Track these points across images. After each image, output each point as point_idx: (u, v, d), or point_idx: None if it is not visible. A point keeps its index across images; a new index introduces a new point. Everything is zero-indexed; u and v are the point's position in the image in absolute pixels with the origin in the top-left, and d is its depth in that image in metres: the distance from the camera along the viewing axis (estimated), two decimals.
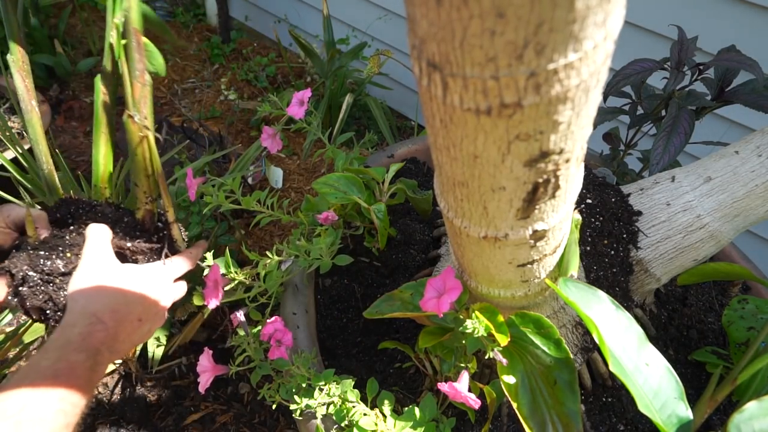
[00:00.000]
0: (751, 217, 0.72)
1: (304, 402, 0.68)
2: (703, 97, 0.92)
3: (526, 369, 0.60)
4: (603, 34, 0.28)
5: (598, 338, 0.50)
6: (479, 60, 0.28)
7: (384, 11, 1.91)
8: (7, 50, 0.73)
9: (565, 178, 0.40)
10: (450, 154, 0.38)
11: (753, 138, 0.73)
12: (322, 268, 0.83)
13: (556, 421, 0.56)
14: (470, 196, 0.43)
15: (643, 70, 0.92)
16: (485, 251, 0.51)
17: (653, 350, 0.54)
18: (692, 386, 0.84)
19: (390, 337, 0.86)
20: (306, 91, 0.86)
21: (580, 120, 0.34)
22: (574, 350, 0.77)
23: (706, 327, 0.92)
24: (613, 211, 0.82)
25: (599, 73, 0.31)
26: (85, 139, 1.97)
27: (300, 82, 2.20)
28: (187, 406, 1.25)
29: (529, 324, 0.60)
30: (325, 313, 0.90)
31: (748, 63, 0.85)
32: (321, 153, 0.99)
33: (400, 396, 0.78)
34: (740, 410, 0.51)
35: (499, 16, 0.25)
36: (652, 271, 0.79)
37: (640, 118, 1.01)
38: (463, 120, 0.33)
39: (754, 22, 1.20)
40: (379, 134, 1.97)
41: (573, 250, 0.58)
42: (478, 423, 0.75)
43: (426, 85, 0.32)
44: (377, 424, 0.66)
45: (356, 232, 0.91)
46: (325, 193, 0.86)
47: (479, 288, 0.61)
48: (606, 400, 0.81)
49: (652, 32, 1.35)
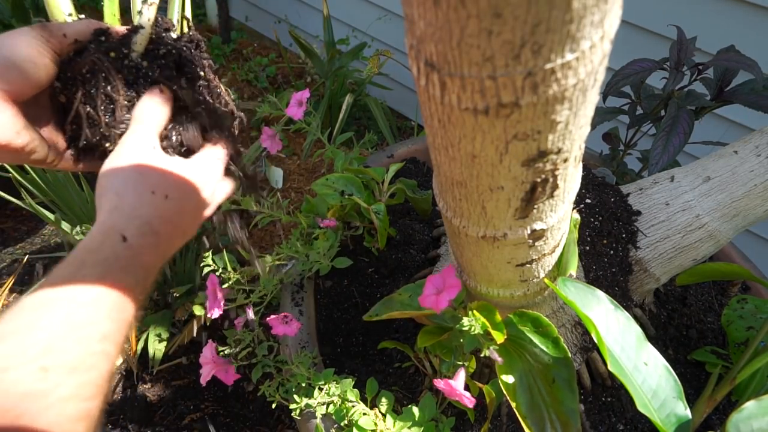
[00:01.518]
0: (750, 217, 0.72)
1: (304, 401, 0.68)
2: (702, 97, 0.92)
3: (524, 368, 0.60)
4: (600, 34, 0.28)
5: (597, 338, 0.51)
6: (477, 60, 0.28)
7: (384, 11, 1.91)
8: None
9: (563, 177, 0.40)
10: (448, 154, 0.38)
11: (752, 138, 0.73)
12: (322, 270, 0.83)
13: (554, 420, 0.56)
14: (469, 196, 0.43)
15: (643, 70, 0.92)
16: (484, 251, 0.51)
17: (652, 350, 0.54)
18: (691, 386, 0.84)
19: (389, 336, 0.86)
20: (304, 92, 0.86)
21: (577, 120, 0.34)
22: (573, 350, 0.77)
23: (705, 327, 0.92)
24: (612, 211, 0.82)
25: (597, 72, 0.31)
26: None
27: (300, 83, 2.20)
28: (187, 406, 1.26)
29: (527, 323, 0.60)
30: (325, 313, 0.90)
31: (747, 63, 0.85)
32: (321, 153, 0.99)
33: (399, 395, 0.78)
34: (739, 409, 0.51)
35: (496, 16, 0.25)
36: (651, 271, 0.79)
37: (639, 118, 1.01)
38: (461, 120, 0.33)
39: (754, 22, 1.20)
40: (379, 134, 1.97)
41: (572, 249, 0.58)
42: (477, 422, 0.75)
43: (424, 85, 0.32)
44: (376, 424, 0.66)
45: (356, 233, 0.91)
46: (324, 194, 0.86)
47: (478, 287, 0.61)
48: (605, 400, 0.81)
49: (651, 32, 1.35)
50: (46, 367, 0.29)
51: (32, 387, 0.28)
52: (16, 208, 1.61)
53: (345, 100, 1.78)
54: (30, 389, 0.28)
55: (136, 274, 0.38)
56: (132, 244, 0.38)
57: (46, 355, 0.30)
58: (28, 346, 0.30)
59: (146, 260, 0.39)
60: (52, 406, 0.28)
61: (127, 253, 0.38)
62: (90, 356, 0.32)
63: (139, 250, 0.39)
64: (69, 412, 0.29)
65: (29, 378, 0.29)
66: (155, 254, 0.41)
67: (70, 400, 0.30)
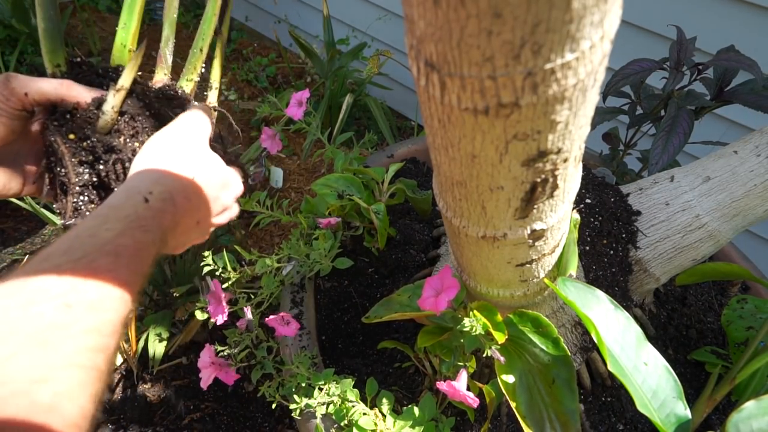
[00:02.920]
0: (750, 217, 0.72)
1: (304, 401, 0.68)
2: (702, 97, 0.92)
3: (524, 368, 0.60)
4: (600, 33, 0.28)
5: (596, 338, 0.51)
6: (476, 60, 0.28)
7: (384, 11, 1.91)
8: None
9: (563, 177, 0.40)
10: (448, 154, 0.38)
11: (752, 138, 0.73)
12: (322, 271, 0.83)
13: (554, 420, 0.56)
14: (469, 196, 0.43)
15: (642, 70, 0.92)
16: (484, 251, 0.51)
17: (652, 350, 0.54)
18: (691, 386, 0.84)
19: (389, 337, 0.86)
20: (304, 92, 0.86)
21: (577, 120, 0.34)
22: (573, 350, 0.77)
23: (705, 326, 0.92)
24: (612, 211, 0.82)
25: (597, 72, 0.31)
26: None
27: (300, 83, 2.21)
28: (187, 406, 1.26)
29: (527, 323, 0.60)
30: (325, 313, 0.90)
31: (747, 63, 0.85)
32: (321, 153, 0.99)
33: (399, 395, 0.78)
34: (739, 409, 0.51)
35: (496, 16, 0.25)
36: (651, 271, 0.79)
37: (639, 118, 1.01)
38: (461, 120, 0.33)
39: (753, 22, 1.20)
40: (379, 134, 1.97)
41: (572, 249, 0.58)
42: (477, 422, 0.75)
43: (424, 85, 0.32)
44: (376, 424, 0.66)
45: (356, 233, 0.91)
46: (324, 195, 0.86)
47: (478, 287, 0.61)
48: (605, 400, 0.81)
49: (651, 32, 1.35)
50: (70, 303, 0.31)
51: (56, 319, 0.30)
52: (16, 208, 1.61)
53: (345, 100, 1.78)
54: (54, 321, 0.30)
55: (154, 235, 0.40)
56: (152, 206, 0.41)
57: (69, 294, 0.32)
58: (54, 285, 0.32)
59: (166, 221, 0.42)
60: (74, 336, 0.30)
61: (148, 213, 0.41)
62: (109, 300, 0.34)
63: (159, 213, 0.42)
64: (89, 344, 0.31)
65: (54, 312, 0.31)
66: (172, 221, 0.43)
67: (91, 333, 0.31)
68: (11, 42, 1.99)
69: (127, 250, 0.37)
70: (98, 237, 0.36)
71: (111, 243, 0.37)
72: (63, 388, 0.28)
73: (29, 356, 0.28)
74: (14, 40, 1.99)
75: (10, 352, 0.27)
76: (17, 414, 0.25)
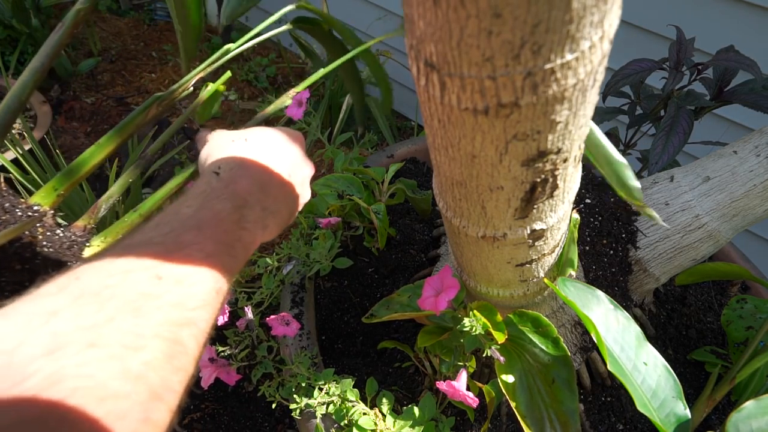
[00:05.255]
0: (750, 217, 0.72)
1: (304, 401, 0.68)
2: (701, 97, 0.92)
3: (524, 368, 0.60)
4: (599, 34, 0.28)
5: (596, 338, 0.51)
6: (476, 60, 0.28)
7: (384, 11, 1.91)
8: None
9: (563, 177, 0.40)
10: (448, 154, 0.38)
11: (751, 138, 0.73)
12: (322, 271, 0.83)
13: (554, 420, 0.56)
14: (468, 196, 0.43)
15: (642, 70, 0.92)
16: (484, 251, 0.51)
17: (652, 350, 0.54)
18: (691, 386, 0.84)
19: (389, 336, 0.86)
20: (304, 92, 0.86)
21: (577, 120, 0.34)
22: (573, 350, 0.77)
23: (705, 326, 0.92)
24: (611, 211, 0.82)
25: (596, 72, 0.31)
26: (86, 140, 1.97)
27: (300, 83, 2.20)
28: (187, 406, 1.26)
29: (527, 322, 0.60)
30: (325, 313, 0.90)
31: (746, 63, 0.86)
32: (321, 153, 0.99)
33: (399, 395, 0.78)
34: (738, 409, 0.51)
35: (496, 16, 0.25)
36: (650, 271, 0.79)
37: (639, 118, 1.01)
38: (461, 120, 0.33)
39: (754, 22, 1.20)
40: (379, 134, 1.97)
41: (572, 249, 0.58)
42: (477, 422, 0.75)
43: (424, 85, 0.33)
44: (376, 424, 0.66)
45: (356, 233, 0.91)
46: (324, 195, 0.86)
47: (478, 287, 0.61)
48: (605, 400, 0.81)
49: (651, 32, 1.35)
50: (160, 275, 0.33)
51: (149, 289, 0.32)
52: None
53: (345, 100, 1.78)
54: (147, 291, 0.32)
55: (232, 202, 0.42)
56: (223, 177, 0.45)
57: (159, 266, 0.34)
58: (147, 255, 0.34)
59: (239, 188, 0.44)
60: (162, 308, 0.32)
61: (220, 184, 0.44)
62: (194, 273, 0.35)
63: (230, 182, 0.44)
64: (173, 317, 0.32)
65: (147, 282, 0.32)
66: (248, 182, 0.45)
67: (176, 307, 0.33)
68: (11, 42, 2.00)
69: (208, 223, 0.39)
70: (180, 213, 0.39)
71: (192, 218, 0.39)
72: (150, 357, 0.29)
73: (125, 323, 0.29)
74: (14, 40, 1.99)
75: (109, 316, 0.28)
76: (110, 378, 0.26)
